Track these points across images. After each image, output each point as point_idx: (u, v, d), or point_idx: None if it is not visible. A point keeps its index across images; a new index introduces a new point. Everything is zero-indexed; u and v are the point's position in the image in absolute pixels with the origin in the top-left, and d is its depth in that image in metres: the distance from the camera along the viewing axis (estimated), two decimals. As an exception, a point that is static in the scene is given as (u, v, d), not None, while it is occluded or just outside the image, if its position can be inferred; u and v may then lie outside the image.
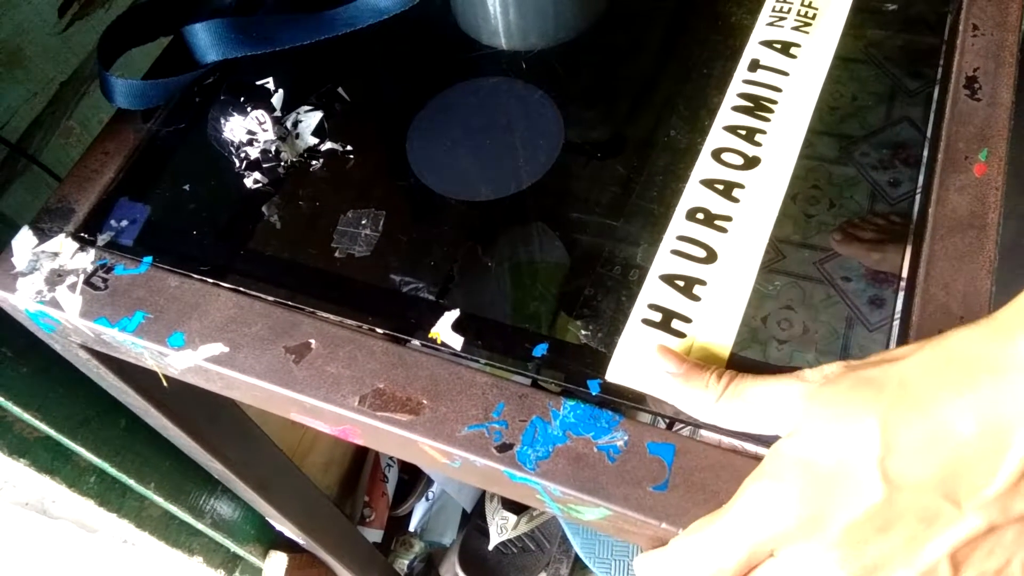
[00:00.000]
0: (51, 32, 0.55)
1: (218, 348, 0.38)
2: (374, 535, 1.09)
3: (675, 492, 0.33)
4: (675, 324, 0.36)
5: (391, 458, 1.12)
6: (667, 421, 0.35)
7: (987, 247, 0.36)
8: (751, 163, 0.40)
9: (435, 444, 0.35)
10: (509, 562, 1.13)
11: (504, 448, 0.34)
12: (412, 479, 1.14)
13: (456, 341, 0.37)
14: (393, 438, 0.36)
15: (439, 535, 1.15)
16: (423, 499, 1.14)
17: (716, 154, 0.40)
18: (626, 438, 0.34)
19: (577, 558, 1.11)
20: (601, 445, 0.34)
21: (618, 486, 0.33)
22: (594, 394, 0.35)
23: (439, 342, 0.37)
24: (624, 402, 0.35)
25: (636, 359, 0.35)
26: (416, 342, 0.37)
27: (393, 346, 0.37)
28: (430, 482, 1.14)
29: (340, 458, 1.09)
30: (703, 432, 0.34)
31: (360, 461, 1.12)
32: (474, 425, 0.35)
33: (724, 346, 0.35)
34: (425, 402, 0.36)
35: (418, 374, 0.36)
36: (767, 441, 0.33)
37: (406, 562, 1.16)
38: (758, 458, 0.33)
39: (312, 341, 0.38)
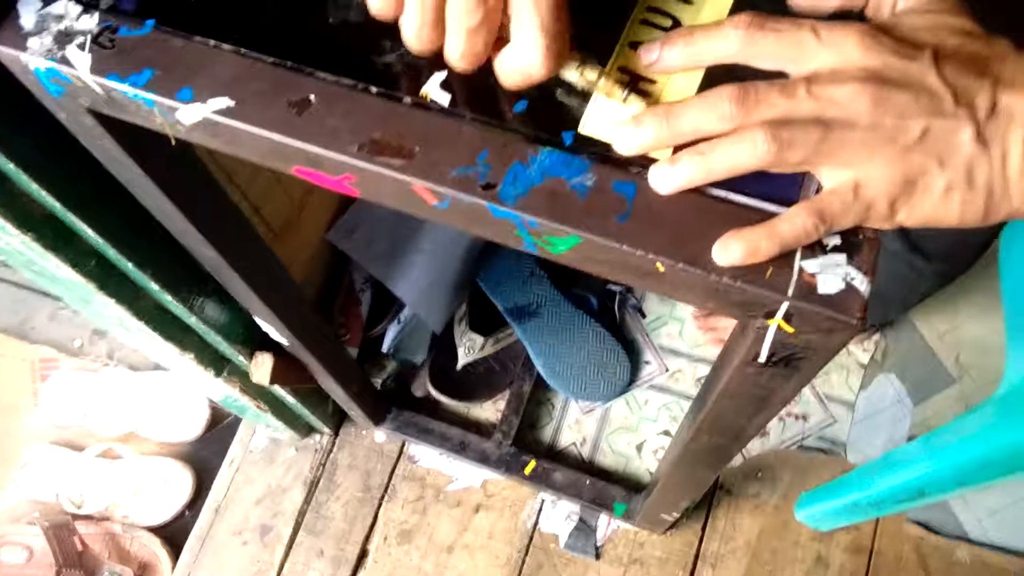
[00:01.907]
0: None
1: (225, 102, 0.41)
2: (350, 354, 1.16)
3: (635, 221, 0.38)
4: (642, 85, 0.40)
5: (364, 282, 1.18)
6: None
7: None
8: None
9: (427, 184, 0.40)
10: (476, 380, 1.22)
11: (488, 187, 0.39)
12: (385, 302, 1.21)
13: (443, 98, 0.41)
14: (388, 182, 0.41)
15: (410, 355, 1.22)
16: (395, 321, 1.21)
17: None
18: (594, 179, 0.39)
19: (539, 376, 1.20)
20: (573, 184, 0.39)
21: (587, 217, 0.38)
22: (567, 144, 0.40)
23: (428, 99, 0.41)
24: (593, 150, 0.40)
25: (609, 114, 0.39)
26: (407, 99, 0.41)
27: (386, 102, 0.41)
28: (402, 306, 1.21)
29: (316, 280, 1.14)
30: (661, 174, 0.39)
31: (335, 283, 1.18)
32: (462, 168, 0.40)
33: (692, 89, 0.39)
34: (417, 149, 0.40)
35: (410, 126, 0.41)
36: (717, 183, 0.38)
37: (379, 380, 1.24)
38: (707, 195, 0.39)
39: (312, 96, 0.41)
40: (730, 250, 0.36)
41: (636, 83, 0.40)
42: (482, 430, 1.21)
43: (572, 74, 0.40)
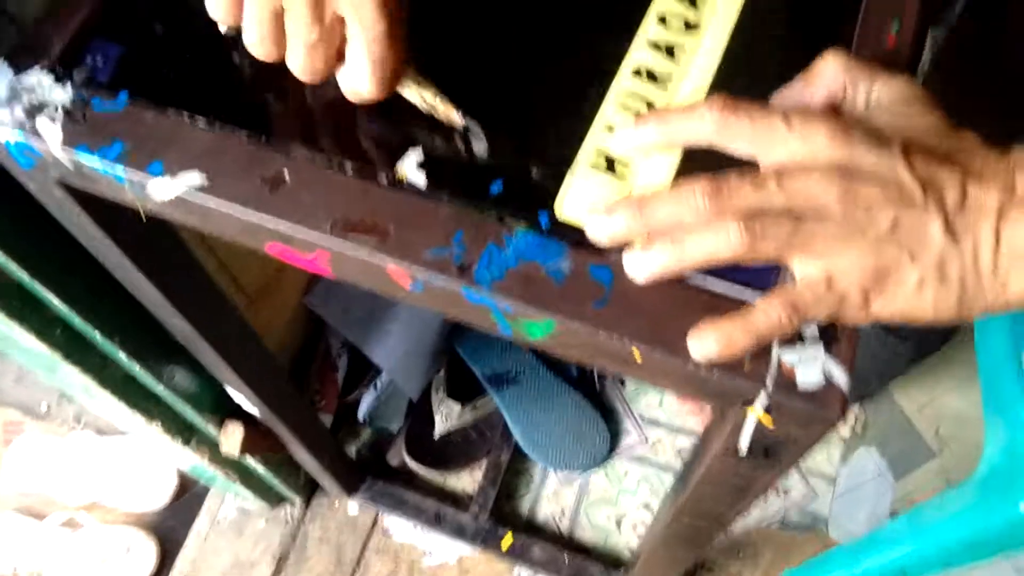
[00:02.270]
0: None
1: (196, 177, 0.41)
2: (324, 421, 1.14)
3: (612, 307, 0.37)
4: (618, 168, 0.40)
5: (341, 347, 1.16)
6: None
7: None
8: (692, 27, 0.43)
9: (400, 265, 0.39)
10: (453, 449, 1.20)
11: (463, 269, 0.38)
12: (361, 369, 1.19)
13: (419, 178, 0.41)
14: (361, 263, 0.40)
15: (386, 423, 1.20)
16: (372, 388, 1.19)
17: (661, 19, 0.44)
18: (570, 263, 0.39)
19: (517, 445, 1.18)
20: (549, 269, 0.38)
21: (563, 303, 0.38)
22: (544, 226, 0.39)
23: (403, 179, 0.41)
24: (569, 234, 0.39)
25: (584, 198, 0.39)
26: (383, 178, 0.41)
27: (361, 181, 0.41)
28: (378, 372, 1.19)
29: (291, 345, 1.13)
30: (638, 259, 0.39)
31: (311, 349, 1.16)
32: (436, 248, 0.39)
33: (664, 181, 0.39)
34: (391, 228, 0.39)
35: (385, 206, 0.40)
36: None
37: (354, 448, 1.21)
38: (685, 282, 0.38)
39: (285, 171, 0.41)
40: (704, 342, 0.35)
41: (612, 164, 0.40)
42: (458, 501, 1.18)
43: (411, 95, 0.42)
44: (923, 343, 0.99)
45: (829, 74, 0.38)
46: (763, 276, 0.38)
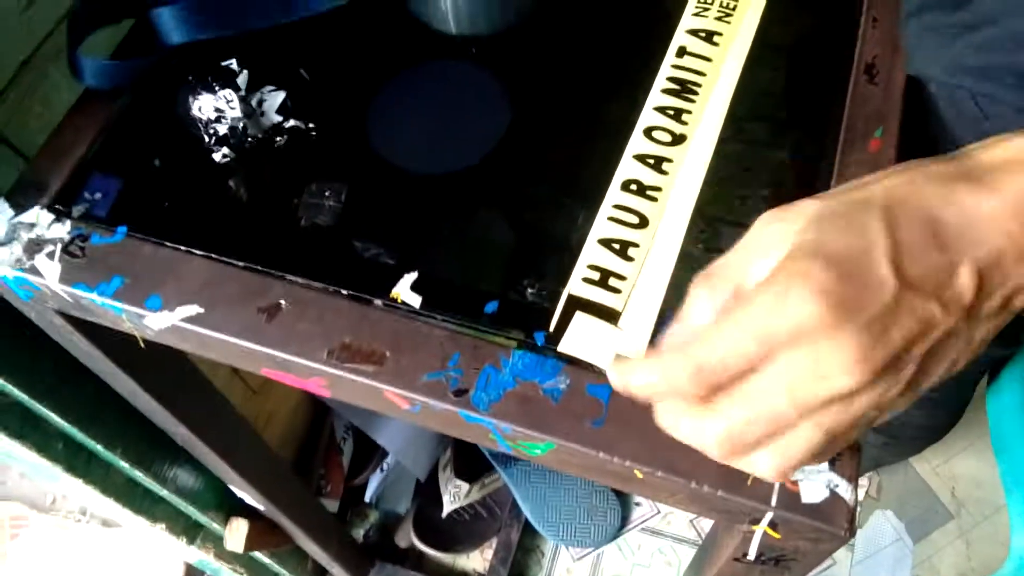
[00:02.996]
0: (13, 12, 0.56)
1: (194, 309, 0.41)
2: (331, 506, 1.12)
3: (610, 426, 0.37)
4: (612, 282, 0.40)
5: (346, 430, 1.15)
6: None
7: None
8: (678, 140, 0.44)
9: (397, 391, 0.39)
10: (462, 528, 1.18)
11: (460, 393, 0.38)
12: (367, 451, 1.18)
13: (414, 300, 0.41)
14: (359, 387, 0.40)
15: (394, 504, 1.18)
16: (378, 470, 1.17)
17: (647, 132, 0.45)
18: (568, 381, 0.39)
19: (527, 522, 1.16)
20: (546, 388, 0.38)
21: (561, 422, 0.38)
22: (540, 344, 0.39)
23: (399, 301, 0.41)
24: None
25: (583, 332, 0.39)
26: (378, 301, 0.41)
27: (357, 305, 0.41)
28: (385, 453, 1.18)
29: (297, 431, 1.12)
30: (635, 375, 0.39)
31: (316, 434, 1.15)
32: (432, 373, 0.39)
33: (656, 299, 0.39)
34: (388, 354, 0.39)
35: (381, 329, 0.40)
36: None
37: (362, 531, 1.20)
38: (682, 396, 0.38)
39: (282, 301, 0.41)
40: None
41: (607, 279, 0.40)
42: (469, 583, 1.16)
43: None
44: (935, 433, 0.97)
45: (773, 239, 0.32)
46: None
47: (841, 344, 0.28)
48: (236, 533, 0.84)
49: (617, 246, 0.41)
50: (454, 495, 1.16)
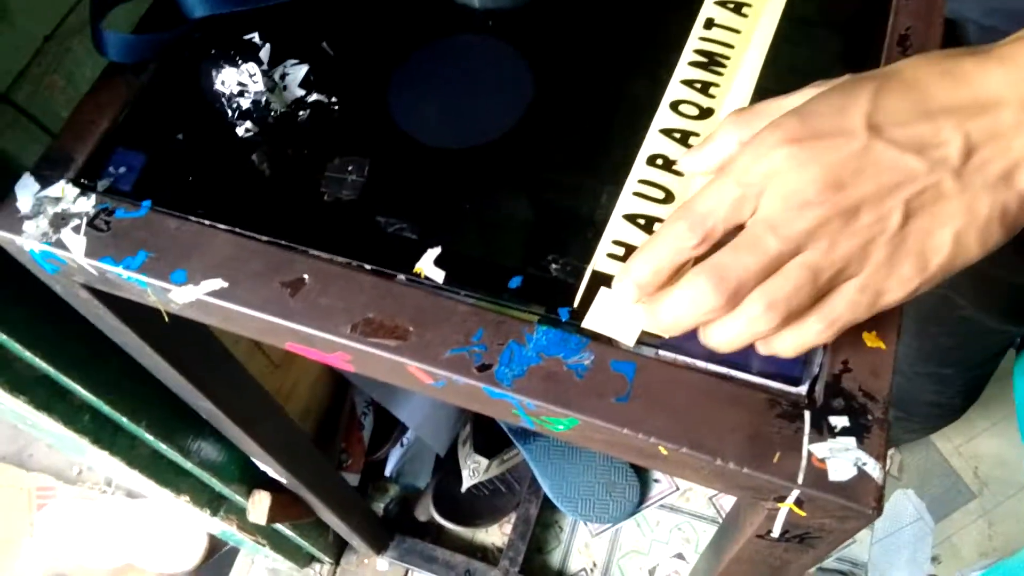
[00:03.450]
0: (34, -14, 0.56)
1: (218, 283, 0.41)
2: (351, 480, 1.13)
3: (635, 403, 0.37)
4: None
5: (367, 405, 1.16)
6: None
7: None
8: (705, 114, 0.43)
9: (421, 366, 0.39)
10: (481, 503, 1.19)
11: (483, 368, 0.38)
12: (387, 426, 1.18)
13: (438, 275, 0.41)
14: (382, 362, 0.40)
15: (414, 478, 1.19)
16: (398, 445, 1.18)
17: (674, 106, 0.44)
18: (592, 357, 0.38)
19: (546, 498, 1.16)
20: (570, 364, 0.38)
21: (585, 399, 0.37)
22: (564, 320, 0.39)
23: (423, 276, 0.41)
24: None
25: (607, 309, 0.39)
26: (401, 276, 0.41)
27: (380, 280, 0.41)
28: (404, 428, 1.18)
29: (318, 406, 1.13)
30: (662, 352, 0.38)
31: (337, 409, 1.16)
32: (456, 348, 0.39)
33: None
34: (411, 329, 0.39)
35: (404, 304, 0.40)
36: (719, 360, 0.38)
37: (382, 505, 1.21)
38: (709, 373, 0.38)
39: (305, 276, 0.41)
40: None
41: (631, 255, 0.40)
42: (488, 556, 1.17)
43: None
44: (966, 401, 0.96)
45: (727, 142, 0.36)
46: (790, 366, 0.37)
47: (806, 177, 0.31)
48: (259, 505, 0.85)
49: (642, 221, 0.41)
50: (473, 470, 1.17)
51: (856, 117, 0.32)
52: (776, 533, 0.40)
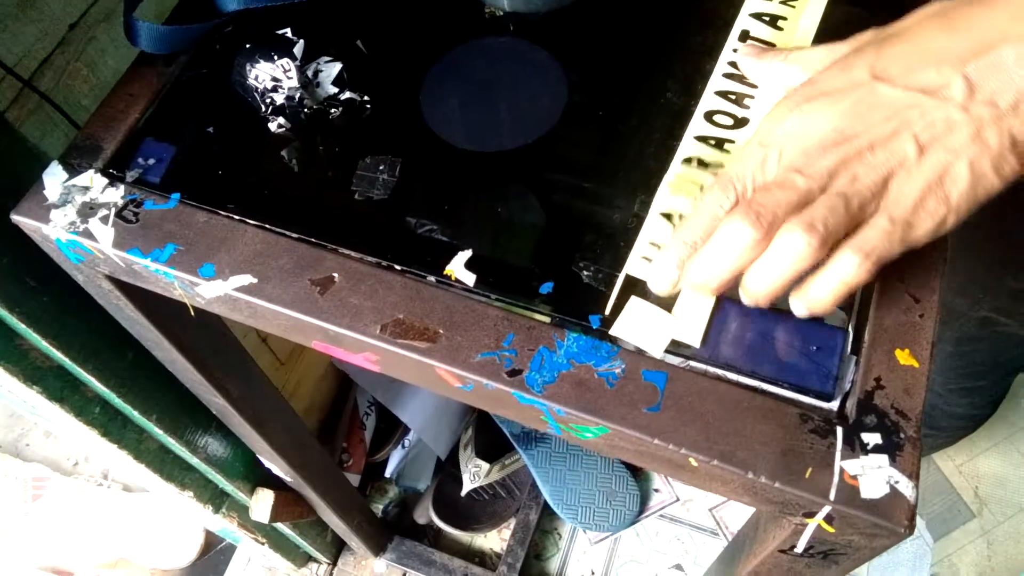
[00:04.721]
0: (62, -26, 0.56)
1: (247, 279, 0.41)
2: (352, 480, 1.13)
3: (666, 413, 0.37)
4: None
5: (369, 406, 1.16)
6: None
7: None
8: (740, 123, 0.43)
9: (451, 369, 0.38)
10: (481, 507, 1.18)
11: (514, 373, 0.38)
12: (389, 427, 1.18)
13: (469, 278, 0.41)
14: (411, 364, 0.39)
15: (414, 481, 1.19)
16: (399, 447, 1.18)
17: (708, 116, 0.44)
18: (623, 366, 0.38)
19: (546, 504, 1.16)
20: (601, 372, 0.38)
21: (616, 407, 0.37)
22: (595, 327, 0.39)
23: (453, 278, 0.41)
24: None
25: (637, 317, 0.39)
26: (432, 278, 0.41)
27: (411, 281, 0.41)
28: (406, 430, 1.18)
29: (320, 404, 1.12)
30: (692, 363, 0.38)
31: (339, 408, 1.16)
32: (486, 352, 0.39)
33: None
34: (441, 331, 0.39)
35: (434, 307, 0.40)
36: (749, 372, 0.37)
37: (381, 506, 1.20)
38: (740, 385, 0.38)
39: (335, 275, 0.41)
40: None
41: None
42: (486, 561, 1.16)
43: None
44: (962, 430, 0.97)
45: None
46: (821, 382, 0.37)
47: (821, 126, 0.35)
48: (262, 503, 0.85)
49: (678, 219, 0.41)
50: (474, 474, 1.16)
51: (861, 70, 0.35)
52: (800, 548, 0.40)
